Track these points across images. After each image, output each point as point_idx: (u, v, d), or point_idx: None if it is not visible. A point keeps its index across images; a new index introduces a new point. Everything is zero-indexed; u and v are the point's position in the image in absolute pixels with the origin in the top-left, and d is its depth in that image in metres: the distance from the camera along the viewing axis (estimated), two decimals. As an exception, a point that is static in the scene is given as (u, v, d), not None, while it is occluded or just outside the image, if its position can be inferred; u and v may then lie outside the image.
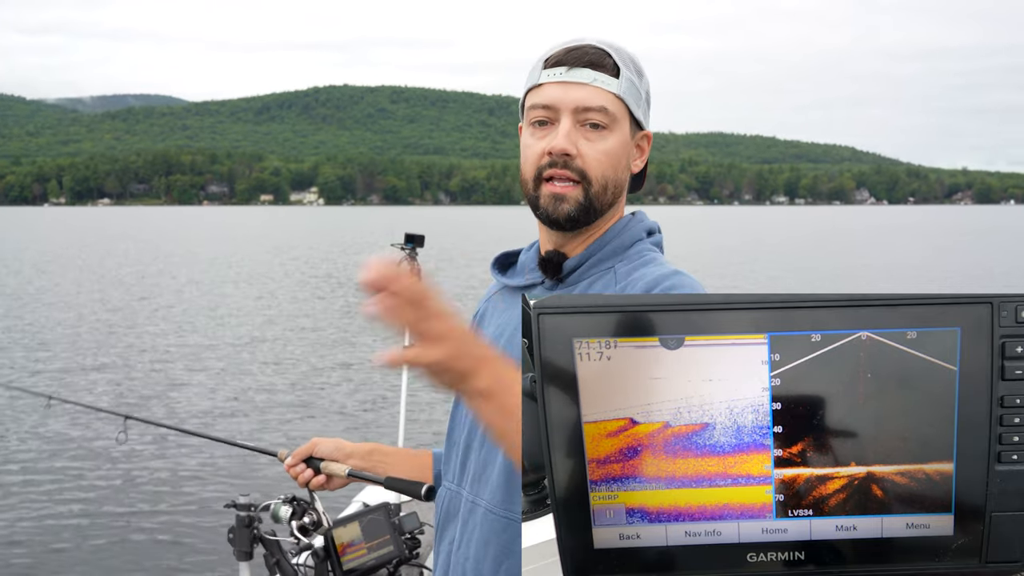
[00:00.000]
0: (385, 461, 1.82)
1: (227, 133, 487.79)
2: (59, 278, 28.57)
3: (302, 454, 1.84)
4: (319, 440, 1.85)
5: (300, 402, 10.77)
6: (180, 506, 7.14)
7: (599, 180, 1.45)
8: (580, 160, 1.43)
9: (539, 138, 1.46)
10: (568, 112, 1.43)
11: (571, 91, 1.43)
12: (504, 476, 1.45)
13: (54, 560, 6.19)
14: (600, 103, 1.43)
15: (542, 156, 1.45)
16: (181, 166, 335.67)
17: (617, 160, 1.47)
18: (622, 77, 1.46)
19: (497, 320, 1.61)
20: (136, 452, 8.49)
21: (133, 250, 44.66)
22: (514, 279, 1.62)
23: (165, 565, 6.08)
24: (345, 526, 2.76)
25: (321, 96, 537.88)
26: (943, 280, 27.17)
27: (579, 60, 1.44)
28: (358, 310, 1.11)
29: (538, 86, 1.47)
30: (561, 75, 1.44)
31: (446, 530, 1.58)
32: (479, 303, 1.75)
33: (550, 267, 1.51)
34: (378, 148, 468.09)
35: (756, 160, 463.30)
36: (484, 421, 1.11)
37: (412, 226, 4.93)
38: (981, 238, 61.74)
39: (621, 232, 1.52)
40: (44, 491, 7.54)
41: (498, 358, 1.11)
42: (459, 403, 1.63)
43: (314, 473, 1.82)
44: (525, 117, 1.51)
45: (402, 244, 4.89)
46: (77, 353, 14.41)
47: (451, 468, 1.62)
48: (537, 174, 1.46)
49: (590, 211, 1.46)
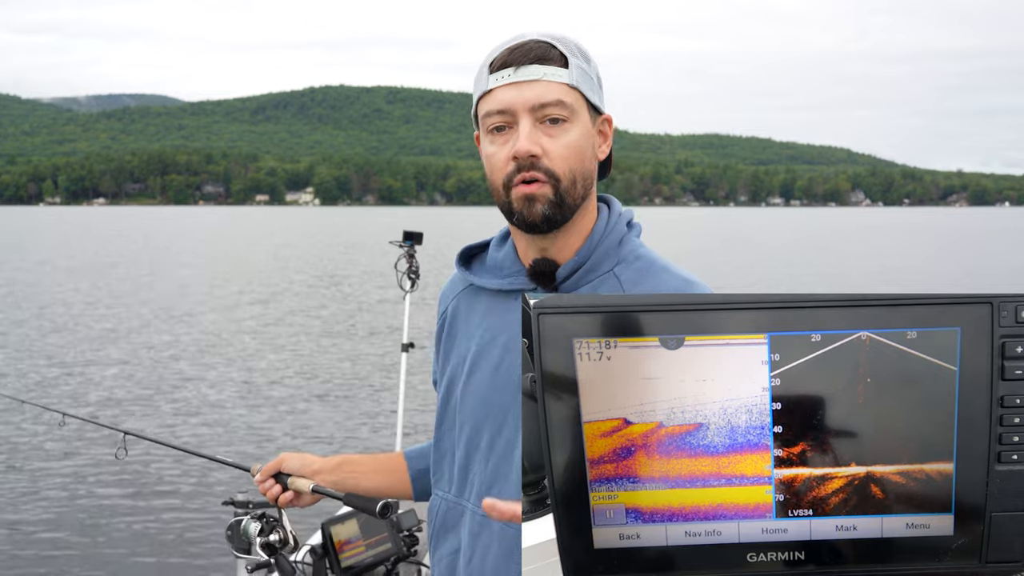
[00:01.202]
0: (355, 472, 1.78)
1: (223, 133, 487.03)
2: (56, 277, 28.54)
3: (270, 470, 1.79)
4: (287, 455, 1.80)
5: (301, 397, 10.77)
6: (180, 506, 7.13)
7: (567, 175, 1.41)
8: (546, 159, 1.40)
9: (500, 144, 1.43)
10: (525, 112, 1.40)
11: (524, 90, 1.40)
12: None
13: (54, 559, 6.19)
14: (555, 97, 1.40)
15: (507, 162, 1.42)
16: (177, 166, 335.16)
17: (582, 151, 1.43)
18: (571, 66, 1.42)
19: (481, 323, 1.56)
20: (135, 458, 8.48)
21: (128, 250, 44.58)
22: (488, 279, 1.57)
23: (163, 563, 6.07)
24: (343, 523, 2.76)
25: (317, 96, 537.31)
26: (941, 280, 27.23)
27: (525, 57, 1.41)
28: (357, 313, 1.10)
29: (488, 92, 1.43)
30: (510, 76, 1.41)
31: (444, 539, 1.56)
32: (442, 299, 1.69)
33: (543, 277, 1.48)
34: (374, 148, 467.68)
35: (752, 161, 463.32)
36: None
37: (408, 226, 4.95)
38: (978, 241, 61.84)
39: (607, 231, 1.49)
40: (42, 495, 7.53)
41: None
42: (445, 411, 1.60)
43: (282, 489, 1.78)
44: (481, 126, 1.47)
45: (400, 242, 4.91)
46: (74, 361, 14.39)
47: (445, 478, 1.59)
48: (506, 181, 1.42)
49: (563, 207, 1.42)
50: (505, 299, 1.54)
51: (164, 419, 9.90)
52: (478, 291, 1.60)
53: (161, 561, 6.14)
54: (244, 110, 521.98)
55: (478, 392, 1.52)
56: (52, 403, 10.26)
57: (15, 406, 9.45)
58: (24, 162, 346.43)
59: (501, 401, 1.48)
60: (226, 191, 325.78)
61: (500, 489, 1.46)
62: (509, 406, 1.47)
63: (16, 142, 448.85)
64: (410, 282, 4.83)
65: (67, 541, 6.50)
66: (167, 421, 9.81)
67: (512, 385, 1.47)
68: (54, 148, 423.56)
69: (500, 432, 1.48)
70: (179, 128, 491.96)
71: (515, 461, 1.44)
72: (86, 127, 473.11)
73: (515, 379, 1.47)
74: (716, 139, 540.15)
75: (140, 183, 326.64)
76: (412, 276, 4.82)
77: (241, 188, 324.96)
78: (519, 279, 1.51)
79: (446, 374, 1.62)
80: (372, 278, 28.01)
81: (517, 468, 1.43)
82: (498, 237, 1.60)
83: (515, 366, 1.47)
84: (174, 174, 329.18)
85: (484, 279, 1.57)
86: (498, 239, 1.60)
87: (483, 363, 1.52)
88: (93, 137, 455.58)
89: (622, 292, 1.44)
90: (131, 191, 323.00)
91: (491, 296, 1.57)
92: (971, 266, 35.04)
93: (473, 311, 1.60)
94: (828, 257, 41.10)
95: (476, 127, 1.51)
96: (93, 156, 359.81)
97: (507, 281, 1.53)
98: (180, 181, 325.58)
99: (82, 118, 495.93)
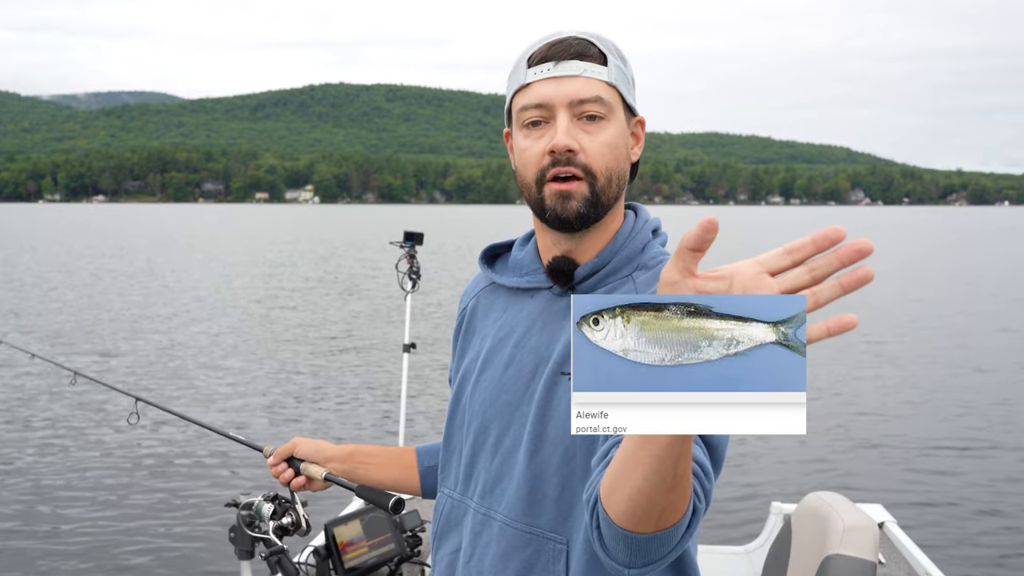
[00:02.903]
0: (366, 463, 1.79)
1: (222, 130, 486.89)
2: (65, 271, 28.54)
3: (283, 454, 1.81)
4: (300, 440, 1.81)
5: (300, 396, 10.77)
6: (180, 506, 7.14)
7: (604, 173, 1.39)
8: (583, 155, 1.38)
9: (536, 139, 1.40)
10: (563, 107, 1.37)
11: (563, 85, 1.37)
12: (526, 489, 1.40)
13: (50, 559, 6.19)
14: (594, 93, 1.38)
15: (543, 156, 1.39)
16: (176, 163, 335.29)
17: (618, 150, 1.41)
18: (610, 64, 1.40)
19: (497, 320, 1.55)
20: (141, 441, 8.49)
21: (132, 246, 44.58)
22: (508, 277, 1.55)
23: (165, 564, 6.07)
24: (346, 524, 2.77)
25: (317, 94, 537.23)
26: (940, 280, 27.22)
27: (565, 53, 1.38)
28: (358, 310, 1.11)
29: (526, 86, 1.41)
30: (549, 71, 1.38)
31: (447, 537, 1.55)
32: (464, 296, 1.68)
33: (561, 276, 1.45)
34: (374, 146, 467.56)
35: (751, 160, 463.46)
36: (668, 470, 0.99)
37: (408, 224, 4.96)
38: (977, 239, 61.84)
39: (631, 236, 1.47)
40: (49, 470, 7.54)
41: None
42: (456, 408, 1.59)
43: (295, 473, 1.79)
44: (515, 120, 1.44)
45: (401, 242, 4.91)
46: (92, 343, 14.41)
47: (452, 475, 1.57)
48: (540, 176, 1.40)
49: (598, 206, 1.40)
50: (522, 297, 1.53)
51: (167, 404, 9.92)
52: (498, 289, 1.59)
53: (162, 562, 6.15)
54: (244, 107, 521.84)
55: (487, 389, 1.50)
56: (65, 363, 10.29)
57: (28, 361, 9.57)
58: (23, 159, 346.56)
59: (509, 398, 1.46)
60: (226, 189, 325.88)
61: (504, 488, 1.44)
62: (517, 404, 1.45)
63: (15, 139, 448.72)
64: (411, 283, 4.83)
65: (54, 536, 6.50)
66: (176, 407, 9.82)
67: (521, 382, 1.45)
68: (53, 145, 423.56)
69: (507, 430, 1.45)
70: (179, 126, 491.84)
71: (519, 459, 1.42)
72: (85, 124, 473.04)
73: (524, 376, 1.45)
74: (716, 138, 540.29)
75: (140, 180, 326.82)
76: (413, 277, 4.82)
77: (241, 186, 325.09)
78: (537, 276, 1.50)
79: (460, 371, 1.60)
80: (372, 278, 28.00)
81: (521, 467, 1.41)
82: (523, 237, 1.59)
83: (525, 363, 1.46)
84: (174, 171, 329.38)
85: (504, 277, 1.56)
86: (523, 238, 1.59)
87: (495, 360, 1.50)
88: (92, 134, 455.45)
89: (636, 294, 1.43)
90: (131, 188, 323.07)
91: (509, 294, 1.56)
92: (971, 266, 35.07)
93: (491, 309, 1.58)
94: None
95: (508, 124, 1.48)
96: (92, 153, 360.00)
97: (525, 279, 1.52)
98: (180, 179, 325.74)
99: (81, 115, 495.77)
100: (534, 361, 1.44)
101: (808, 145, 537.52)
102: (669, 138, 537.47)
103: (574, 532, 1.37)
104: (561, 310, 1.45)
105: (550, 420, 1.39)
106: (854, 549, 1.94)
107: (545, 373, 1.41)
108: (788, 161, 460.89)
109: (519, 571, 1.40)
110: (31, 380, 11.51)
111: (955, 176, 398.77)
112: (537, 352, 1.44)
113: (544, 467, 1.39)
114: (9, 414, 9.79)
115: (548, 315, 1.47)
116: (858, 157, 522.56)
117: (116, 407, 9.89)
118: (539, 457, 1.39)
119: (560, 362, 1.40)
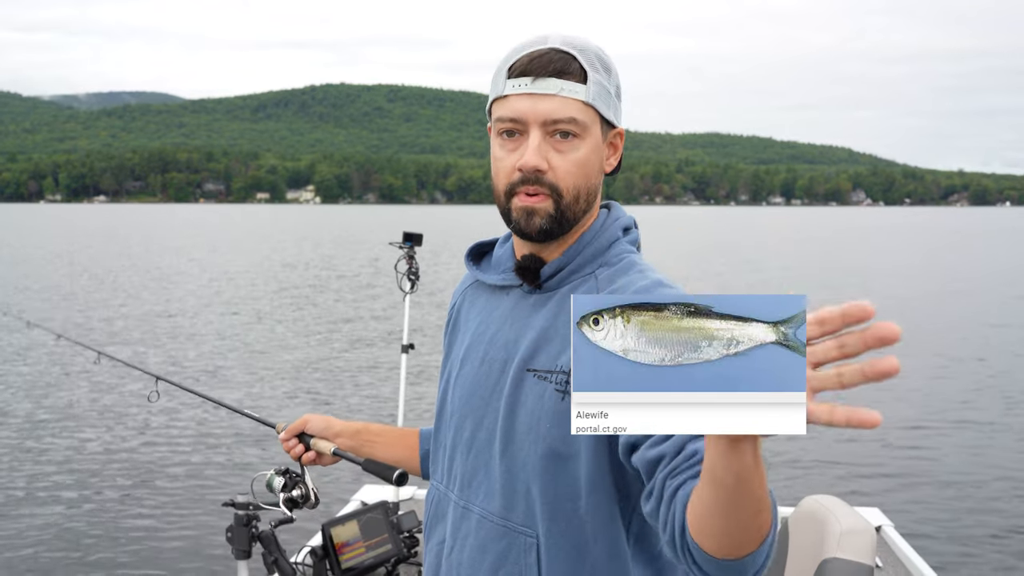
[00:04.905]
0: (373, 441, 1.87)
1: (223, 131, 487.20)
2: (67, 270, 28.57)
3: (294, 430, 1.89)
4: (310, 416, 1.89)
5: (299, 396, 10.78)
6: (179, 505, 7.13)
7: (571, 192, 1.41)
8: (551, 174, 1.39)
9: (509, 151, 1.42)
10: (537, 125, 1.39)
11: (538, 104, 1.38)
12: (502, 483, 1.43)
13: (49, 556, 6.19)
14: (569, 114, 1.38)
15: (512, 171, 1.41)
16: (177, 164, 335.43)
17: (589, 168, 1.42)
18: (590, 81, 1.40)
19: (477, 316, 1.59)
20: (155, 430, 8.50)
21: (135, 247, 44.62)
22: (490, 275, 1.59)
23: (163, 565, 6.07)
24: (343, 525, 2.76)
25: (318, 94, 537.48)
26: (940, 281, 27.21)
27: (544, 69, 1.38)
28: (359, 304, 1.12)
29: (503, 97, 1.42)
30: (527, 86, 1.38)
31: (435, 529, 1.58)
32: (455, 294, 1.72)
33: (527, 273, 1.48)
34: (374, 147, 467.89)
35: (752, 161, 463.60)
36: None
37: (408, 225, 4.95)
38: (978, 240, 61.83)
39: (598, 235, 1.49)
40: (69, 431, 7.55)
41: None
42: (443, 403, 1.62)
43: (305, 448, 1.87)
44: (493, 126, 1.47)
45: (400, 243, 4.90)
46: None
47: (439, 468, 1.61)
48: (509, 189, 1.42)
49: (562, 222, 1.42)
50: (499, 294, 1.56)
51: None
52: (481, 286, 1.63)
53: (160, 562, 6.14)
54: (245, 108, 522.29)
55: (465, 385, 1.54)
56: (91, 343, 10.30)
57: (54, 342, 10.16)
58: (24, 160, 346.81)
59: (483, 394, 1.49)
60: (227, 189, 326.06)
61: (480, 482, 1.47)
62: (488, 399, 1.48)
63: (16, 140, 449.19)
64: (410, 283, 4.82)
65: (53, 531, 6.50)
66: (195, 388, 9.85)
67: (492, 378, 1.48)
68: (54, 146, 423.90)
69: (480, 425, 1.49)
70: (180, 126, 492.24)
71: (493, 454, 1.45)
72: (86, 125, 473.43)
73: (495, 372, 1.48)
74: (717, 138, 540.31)
75: (140, 181, 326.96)
76: (412, 277, 4.81)
77: (242, 186, 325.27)
78: (511, 274, 1.53)
79: (447, 367, 1.65)
80: (371, 278, 28.01)
81: (494, 461, 1.44)
82: (505, 235, 1.62)
83: (496, 359, 1.49)
84: (174, 172, 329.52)
85: (486, 275, 1.60)
86: (504, 236, 1.62)
87: (472, 356, 1.54)
88: (93, 135, 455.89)
89: (598, 291, 1.44)
90: (132, 189, 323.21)
91: (490, 291, 1.59)
92: (972, 266, 35.05)
93: (475, 306, 1.62)
94: (829, 257, 41.11)
95: (489, 120, 1.50)
96: (93, 154, 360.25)
97: (501, 277, 1.55)
98: (181, 179, 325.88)
99: (82, 116, 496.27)
100: (503, 357, 1.48)
101: (809, 146, 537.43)
102: (670, 138, 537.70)
103: (545, 525, 1.39)
104: (528, 307, 1.49)
105: (518, 416, 1.42)
106: (851, 553, 1.93)
107: (512, 369, 1.44)
108: (789, 162, 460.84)
109: (493, 564, 1.43)
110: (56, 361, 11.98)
111: (956, 177, 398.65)
112: (506, 348, 1.48)
113: (515, 462, 1.42)
114: (32, 392, 10.16)
115: (517, 312, 1.50)
116: (859, 158, 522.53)
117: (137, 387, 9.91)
118: (510, 452, 1.42)
119: (526, 358, 1.43)
